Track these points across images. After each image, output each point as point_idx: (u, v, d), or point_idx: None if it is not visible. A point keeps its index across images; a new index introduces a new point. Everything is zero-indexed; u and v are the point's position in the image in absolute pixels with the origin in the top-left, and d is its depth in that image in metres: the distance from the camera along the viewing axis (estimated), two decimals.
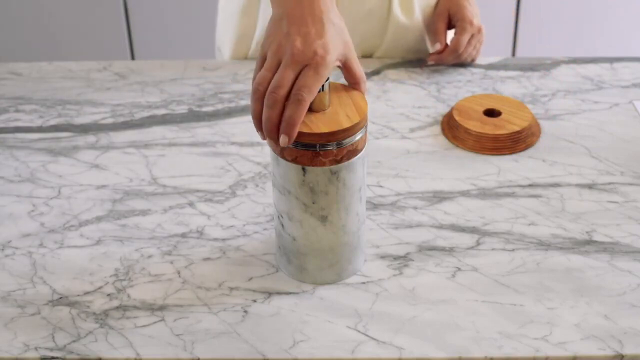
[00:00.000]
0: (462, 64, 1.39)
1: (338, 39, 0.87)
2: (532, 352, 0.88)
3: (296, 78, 0.85)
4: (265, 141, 0.89)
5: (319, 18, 0.86)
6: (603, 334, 0.90)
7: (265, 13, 1.38)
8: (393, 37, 1.39)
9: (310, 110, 0.87)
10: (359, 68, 0.90)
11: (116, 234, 1.05)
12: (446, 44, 1.37)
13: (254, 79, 0.88)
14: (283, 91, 0.84)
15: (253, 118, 0.87)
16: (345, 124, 0.87)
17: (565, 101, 1.29)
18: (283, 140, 0.85)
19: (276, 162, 0.91)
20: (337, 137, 0.86)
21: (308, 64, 0.85)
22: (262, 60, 0.88)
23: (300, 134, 0.86)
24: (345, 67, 0.90)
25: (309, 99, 0.84)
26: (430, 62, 1.38)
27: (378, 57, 1.42)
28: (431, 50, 1.44)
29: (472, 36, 1.36)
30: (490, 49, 1.45)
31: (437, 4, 1.41)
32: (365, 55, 1.42)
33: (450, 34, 1.41)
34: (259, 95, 0.85)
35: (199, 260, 1.01)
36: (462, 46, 1.35)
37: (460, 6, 1.37)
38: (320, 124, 0.86)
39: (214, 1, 1.54)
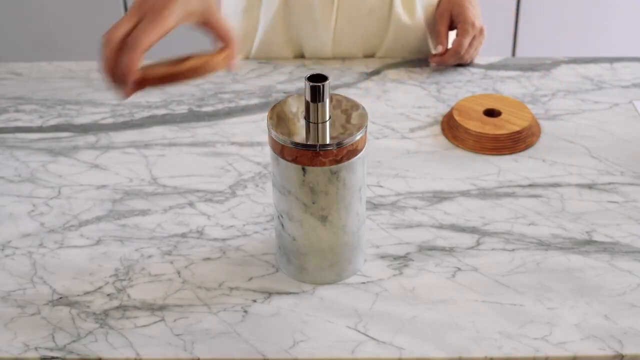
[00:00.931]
0: (462, 64, 1.39)
1: (194, 0, 0.87)
2: (532, 352, 0.88)
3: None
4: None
5: None
6: (603, 334, 0.90)
7: (267, 13, 1.38)
8: (394, 37, 1.39)
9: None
10: (225, 28, 0.90)
11: (116, 234, 1.05)
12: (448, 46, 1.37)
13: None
14: (117, 33, 0.85)
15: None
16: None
17: (565, 101, 1.29)
18: (122, 89, 0.86)
19: (276, 162, 0.91)
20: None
21: (145, 14, 0.86)
22: None
23: None
24: (207, 26, 0.90)
25: (137, 45, 0.84)
26: (432, 64, 1.38)
27: (379, 57, 1.42)
28: (433, 51, 1.44)
29: (474, 37, 1.35)
30: (490, 49, 1.45)
31: (438, 4, 1.41)
32: (367, 55, 1.42)
33: (451, 34, 1.40)
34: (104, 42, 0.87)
35: (199, 260, 1.01)
36: (464, 48, 1.34)
37: (462, 7, 1.36)
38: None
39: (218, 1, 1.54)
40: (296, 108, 0.92)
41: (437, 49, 1.37)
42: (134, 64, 0.85)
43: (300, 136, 0.88)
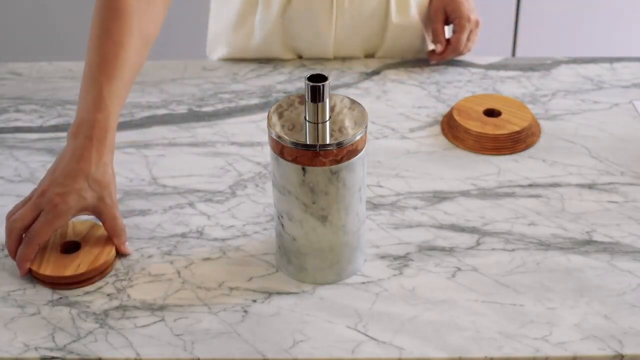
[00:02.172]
0: (462, 64, 1.39)
1: (89, 194, 0.98)
2: (532, 352, 0.88)
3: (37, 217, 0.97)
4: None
5: (79, 173, 0.98)
6: (603, 334, 0.90)
7: (263, 25, 1.36)
8: (392, 38, 1.39)
9: None
10: (113, 222, 1.00)
11: None
12: (447, 43, 1.37)
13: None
14: (18, 224, 0.97)
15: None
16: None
17: (565, 101, 1.29)
18: (19, 271, 0.98)
19: (276, 162, 0.91)
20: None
21: (44, 209, 0.97)
22: None
23: None
24: (99, 217, 1.00)
25: (36, 242, 0.97)
26: (432, 62, 1.38)
27: (378, 57, 1.42)
28: (430, 48, 1.44)
29: (471, 31, 1.36)
30: (490, 49, 1.45)
31: (431, 1, 1.40)
32: (367, 56, 1.42)
33: (446, 28, 1.40)
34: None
35: (199, 260, 1.01)
36: (462, 44, 1.35)
37: (457, 3, 1.36)
38: None
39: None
40: (296, 108, 0.92)
41: (436, 47, 1.37)
42: (29, 256, 0.97)
43: (300, 136, 0.88)
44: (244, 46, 1.40)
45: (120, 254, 1.01)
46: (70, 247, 1.01)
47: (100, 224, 1.02)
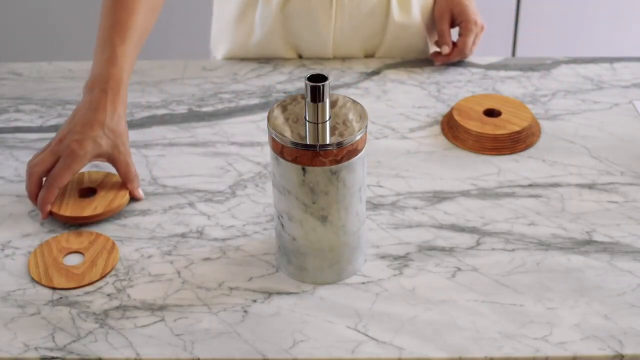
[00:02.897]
0: (462, 64, 1.39)
1: (104, 141, 1.06)
2: (532, 352, 0.88)
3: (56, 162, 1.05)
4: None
5: (95, 122, 1.06)
6: (603, 334, 0.90)
7: (263, 20, 1.37)
8: (392, 37, 1.39)
9: None
10: (126, 169, 1.08)
11: (116, 234, 1.05)
12: (453, 45, 1.37)
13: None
14: (38, 168, 1.05)
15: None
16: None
17: (565, 101, 1.29)
18: (40, 214, 1.05)
19: (276, 162, 0.91)
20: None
21: (62, 154, 1.05)
22: None
23: None
24: (113, 164, 1.09)
25: (57, 185, 1.04)
26: (437, 64, 1.38)
27: (378, 57, 1.42)
28: (431, 49, 1.44)
29: (476, 35, 1.36)
30: (490, 49, 1.45)
31: (435, 4, 1.41)
32: (367, 55, 1.42)
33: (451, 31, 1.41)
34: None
35: (199, 260, 1.01)
36: (469, 47, 1.36)
37: (463, 5, 1.37)
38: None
39: (212, 3, 1.53)
40: (296, 108, 0.92)
41: (442, 49, 1.37)
42: (49, 199, 1.05)
43: (300, 136, 0.88)
44: (244, 42, 1.40)
45: (134, 199, 1.09)
46: (87, 193, 1.09)
47: (115, 172, 1.11)
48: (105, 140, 1.06)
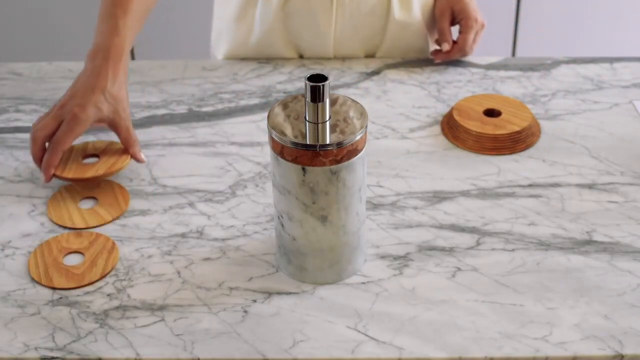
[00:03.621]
0: (462, 64, 1.39)
1: (105, 106, 1.09)
2: (532, 352, 0.88)
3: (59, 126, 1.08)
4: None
5: (97, 88, 1.09)
6: (603, 334, 0.90)
7: (263, 19, 1.37)
8: (393, 35, 1.39)
9: None
10: (127, 134, 1.12)
11: (116, 234, 1.05)
12: (453, 42, 1.37)
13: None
14: (41, 133, 1.08)
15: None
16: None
17: (565, 101, 1.29)
18: (43, 176, 1.08)
19: (276, 162, 0.91)
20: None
21: (65, 119, 1.08)
22: None
23: None
24: (114, 131, 1.12)
25: (60, 148, 1.07)
26: (437, 61, 1.38)
27: (379, 57, 1.42)
28: (432, 47, 1.44)
29: (476, 32, 1.37)
30: (490, 49, 1.45)
31: (435, 2, 1.41)
32: (368, 55, 1.42)
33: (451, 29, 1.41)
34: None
35: (199, 260, 1.01)
36: (469, 44, 1.36)
37: (463, 3, 1.37)
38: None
39: (213, 3, 1.53)
40: (296, 108, 0.92)
41: (442, 47, 1.37)
42: (53, 162, 1.08)
43: (300, 136, 0.88)
44: (245, 41, 1.40)
45: (136, 161, 1.13)
46: (90, 160, 1.13)
47: (117, 141, 1.15)
48: (106, 105, 1.09)
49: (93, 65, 1.11)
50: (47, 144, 1.09)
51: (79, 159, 1.12)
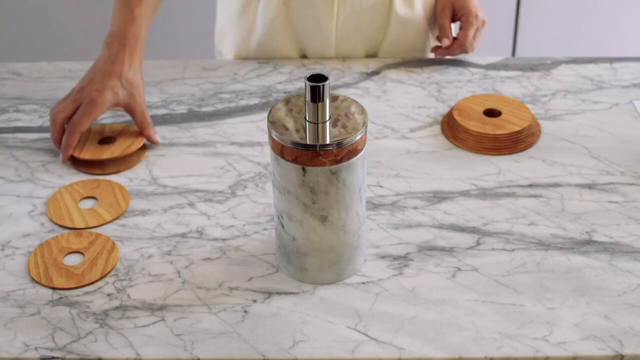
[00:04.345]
0: (462, 64, 1.39)
1: (122, 91, 1.16)
2: (532, 352, 0.88)
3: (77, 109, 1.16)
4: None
5: (113, 73, 1.16)
6: (603, 334, 0.90)
7: (266, 14, 1.38)
8: (395, 31, 1.40)
9: None
10: (142, 117, 1.18)
11: (116, 234, 1.05)
12: (454, 38, 1.38)
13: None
14: (61, 115, 1.15)
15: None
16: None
17: (565, 101, 1.29)
18: (62, 156, 1.16)
19: (276, 162, 0.91)
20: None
21: (83, 102, 1.14)
22: None
23: None
24: (130, 115, 1.19)
25: (78, 130, 1.14)
26: (437, 57, 1.39)
27: (380, 57, 1.42)
28: (433, 44, 1.44)
29: (477, 29, 1.37)
30: (490, 49, 1.45)
31: None
32: (370, 54, 1.43)
33: (453, 27, 1.41)
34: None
35: (199, 260, 1.01)
36: (469, 40, 1.36)
37: (464, 0, 1.38)
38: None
39: (214, 1, 1.54)
40: (296, 108, 0.92)
41: (442, 42, 1.37)
42: (72, 143, 1.15)
43: (300, 136, 0.88)
44: (247, 36, 1.41)
45: (150, 142, 1.19)
46: (106, 141, 1.19)
47: (133, 124, 1.21)
48: (122, 90, 1.16)
49: (110, 51, 1.17)
50: (65, 126, 1.16)
51: (95, 141, 1.18)
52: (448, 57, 1.41)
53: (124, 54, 1.17)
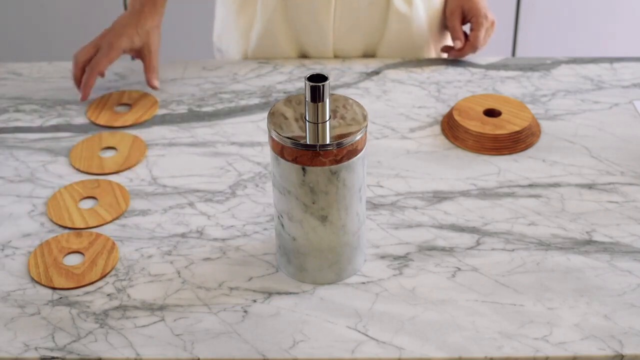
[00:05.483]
0: (462, 64, 1.39)
1: (137, 39, 1.31)
2: (532, 352, 0.88)
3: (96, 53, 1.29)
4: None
5: (131, 25, 1.31)
6: (603, 334, 0.90)
7: (265, 9, 1.38)
8: (394, 29, 1.40)
9: None
10: (150, 64, 1.32)
11: (116, 234, 1.05)
12: (465, 39, 1.39)
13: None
14: (82, 57, 1.29)
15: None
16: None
17: (565, 101, 1.29)
18: (81, 95, 1.28)
19: (276, 162, 0.91)
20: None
21: (102, 45, 1.29)
22: None
23: None
24: (141, 60, 1.33)
25: (96, 70, 1.27)
26: (450, 57, 1.40)
27: (380, 57, 1.42)
28: (432, 49, 1.45)
29: (486, 30, 1.38)
30: (490, 49, 1.45)
31: (446, 2, 1.43)
32: (368, 52, 1.43)
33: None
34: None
35: (199, 260, 1.01)
36: (480, 41, 1.37)
37: (473, 2, 1.39)
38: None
39: (213, 1, 1.53)
40: (296, 108, 0.92)
41: (455, 44, 1.38)
42: (91, 83, 1.27)
43: (300, 136, 0.88)
44: (246, 33, 1.41)
45: (150, 87, 1.31)
46: (124, 107, 1.29)
47: (150, 93, 1.32)
48: (138, 38, 1.30)
49: (132, 9, 1.33)
50: (87, 67, 1.28)
51: (113, 108, 1.28)
52: (452, 58, 1.41)
53: (143, 11, 1.32)
